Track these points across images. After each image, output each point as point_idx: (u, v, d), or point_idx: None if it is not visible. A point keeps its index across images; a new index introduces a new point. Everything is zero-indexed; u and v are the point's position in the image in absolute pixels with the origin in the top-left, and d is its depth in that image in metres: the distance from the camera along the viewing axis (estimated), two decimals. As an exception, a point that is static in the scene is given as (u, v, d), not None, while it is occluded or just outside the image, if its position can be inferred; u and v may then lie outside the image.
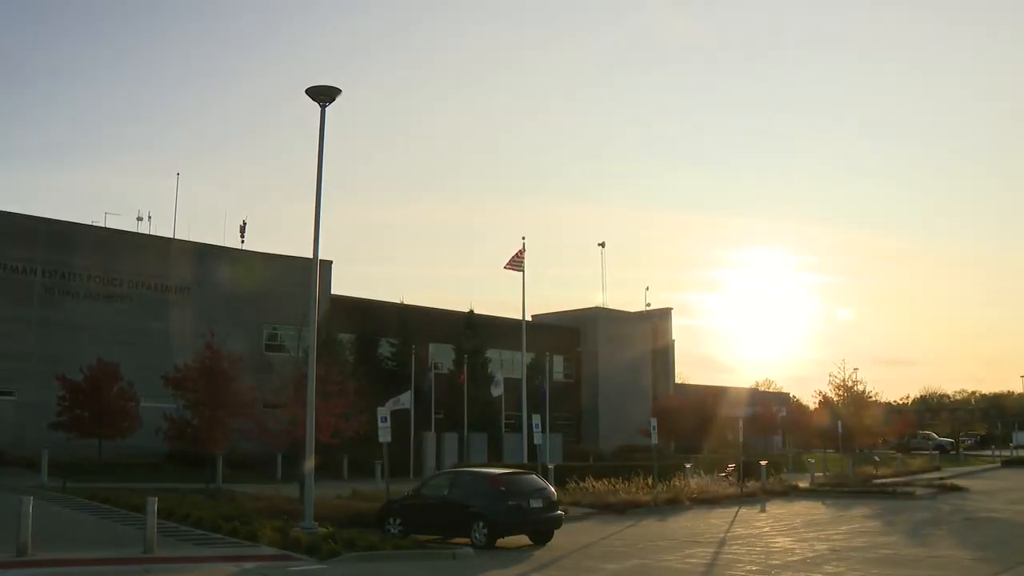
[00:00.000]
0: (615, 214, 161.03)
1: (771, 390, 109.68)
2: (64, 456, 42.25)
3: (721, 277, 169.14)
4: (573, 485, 38.07)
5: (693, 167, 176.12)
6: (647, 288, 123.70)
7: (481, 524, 23.63)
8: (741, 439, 46.21)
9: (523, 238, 52.33)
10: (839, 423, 57.60)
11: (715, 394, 79.32)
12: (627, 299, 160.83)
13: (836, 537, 26.51)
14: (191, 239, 61.77)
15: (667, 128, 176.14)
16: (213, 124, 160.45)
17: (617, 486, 37.88)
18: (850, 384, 61.20)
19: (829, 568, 19.87)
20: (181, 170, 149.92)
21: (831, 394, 63.46)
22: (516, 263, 51.19)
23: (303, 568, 19.41)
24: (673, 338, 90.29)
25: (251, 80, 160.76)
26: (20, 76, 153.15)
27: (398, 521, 25.39)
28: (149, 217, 68.26)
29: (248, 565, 19.78)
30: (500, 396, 61.00)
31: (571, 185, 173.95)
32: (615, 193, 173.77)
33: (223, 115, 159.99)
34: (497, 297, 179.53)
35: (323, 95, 25.30)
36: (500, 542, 23.69)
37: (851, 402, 60.53)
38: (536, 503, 24.35)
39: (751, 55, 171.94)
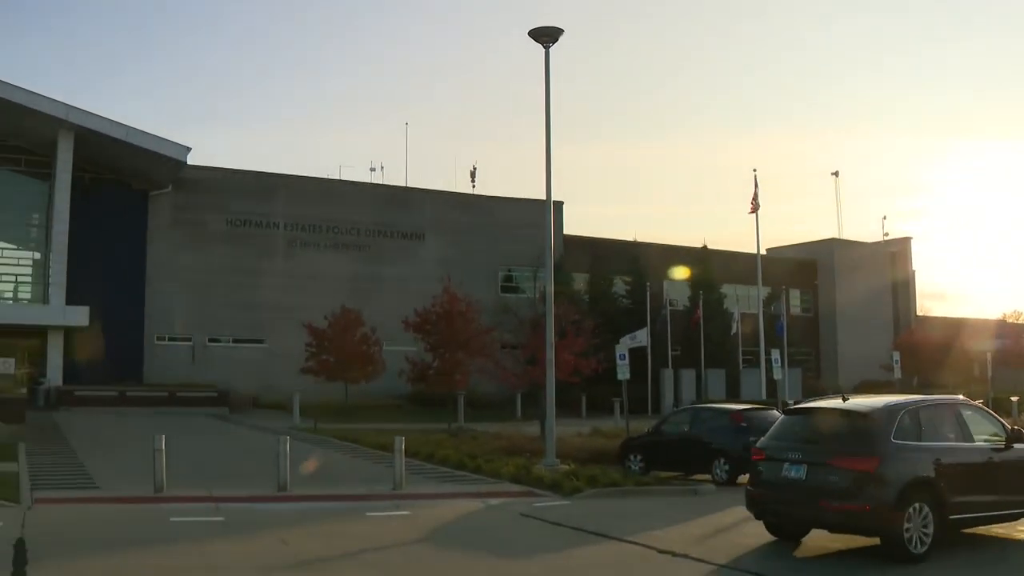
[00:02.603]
0: (848, 141, 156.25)
1: (1021, 321, 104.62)
2: (313, 399, 44.00)
3: (965, 203, 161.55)
4: (814, 421, 37.36)
5: (929, 87, 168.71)
6: (884, 217, 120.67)
7: (722, 460, 23.45)
8: (990, 374, 44.47)
9: (754, 171, 51.34)
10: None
11: (959, 326, 76.31)
12: (864, 230, 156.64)
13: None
14: (423, 187, 63.10)
15: (898, 47, 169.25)
16: (438, 71, 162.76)
17: (860, 421, 36.98)
18: (1114, 312, 57.75)
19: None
20: (409, 119, 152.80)
21: (1090, 324, 60.02)
22: (755, 203, 50.15)
23: (547, 504, 19.63)
24: (913, 268, 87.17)
25: (472, 23, 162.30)
26: (251, 42, 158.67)
27: (639, 458, 25.42)
28: (382, 167, 69.85)
29: (494, 501, 20.17)
30: (736, 332, 60.39)
31: (801, 114, 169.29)
32: (847, 120, 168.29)
33: (447, 62, 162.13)
34: (730, 231, 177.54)
35: (546, 36, 25.19)
36: (741, 478, 23.40)
37: (1115, 331, 57.06)
38: (778, 440, 24.05)
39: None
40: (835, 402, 15.13)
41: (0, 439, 24.24)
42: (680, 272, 62.47)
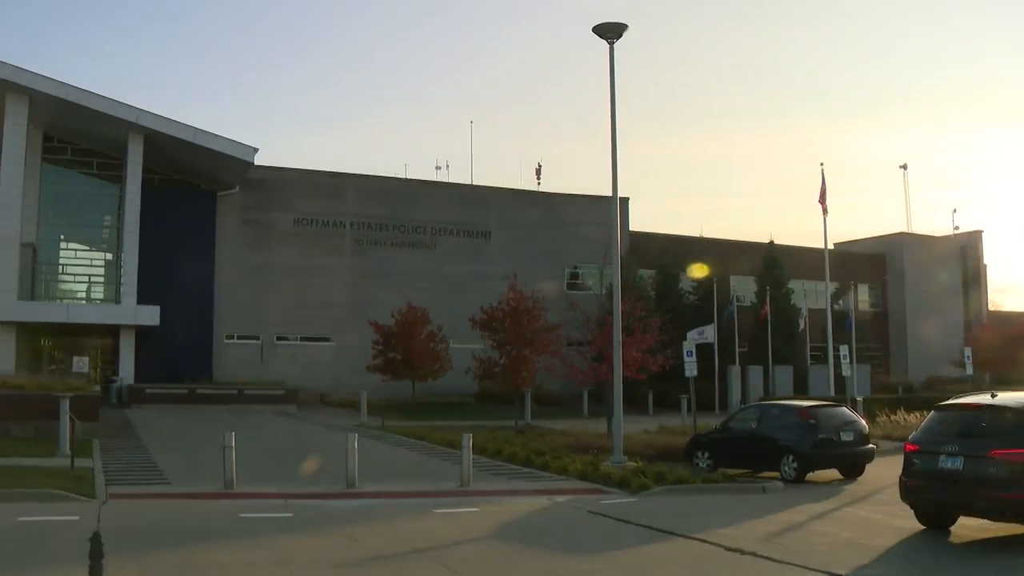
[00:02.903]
0: (917, 134, 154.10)
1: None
2: (380, 397, 44.37)
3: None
4: (883, 418, 36.99)
5: (1002, 76, 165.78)
6: (955, 210, 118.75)
7: (791, 458, 23.28)
8: (1064, 370, 43.58)
9: (821, 165, 50.81)
10: None
11: (1033, 320, 74.85)
12: (934, 223, 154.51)
13: None
14: (488, 184, 63.26)
15: (964, 36, 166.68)
16: (501, 70, 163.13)
17: (930, 419, 36.43)
18: None
19: None
20: (474, 117, 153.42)
21: None
22: (825, 203, 49.53)
23: (615, 501, 19.64)
24: (985, 262, 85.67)
25: (535, 20, 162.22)
26: (316, 42, 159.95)
27: (706, 455, 25.34)
28: (447, 166, 70.02)
29: (560, 498, 20.21)
30: (804, 328, 59.91)
31: (869, 106, 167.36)
32: (916, 112, 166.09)
33: (510, 60, 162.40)
34: (797, 227, 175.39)
35: (610, 32, 25.08)
36: (810, 476, 23.31)
37: None
38: (847, 436, 23.79)
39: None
40: (984, 398, 16.18)
41: (76, 436, 24.63)
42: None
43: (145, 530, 15.55)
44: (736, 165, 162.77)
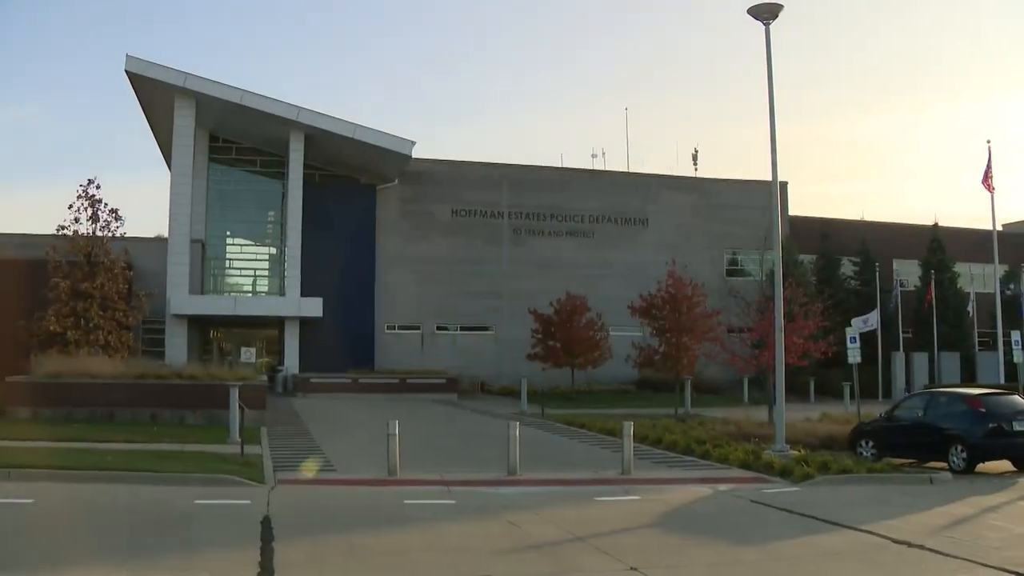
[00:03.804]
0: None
1: None
2: (539, 385, 44.58)
3: None
4: (1058, 407, 35.64)
5: None
6: None
7: (959, 447, 22.64)
8: None
9: (988, 142, 49.26)
10: None
11: None
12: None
13: None
14: (645, 171, 62.94)
15: None
16: (656, 54, 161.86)
17: (1115, 410, 35.03)
18: None
19: None
20: (629, 104, 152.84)
21: None
22: (989, 179, 48.03)
23: (777, 490, 19.46)
24: None
25: (686, 4, 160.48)
26: (471, 34, 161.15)
27: (870, 444, 24.84)
28: (603, 153, 69.77)
29: (722, 487, 20.10)
30: (972, 313, 58.28)
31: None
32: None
33: (665, 44, 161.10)
34: (963, 207, 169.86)
35: (766, 13, 24.76)
36: (980, 467, 22.64)
37: None
38: (1020, 426, 22.94)
39: None
40: None
41: (245, 423, 25.43)
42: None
43: (312, 515, 15.97)
44: (897, 144, 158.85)
